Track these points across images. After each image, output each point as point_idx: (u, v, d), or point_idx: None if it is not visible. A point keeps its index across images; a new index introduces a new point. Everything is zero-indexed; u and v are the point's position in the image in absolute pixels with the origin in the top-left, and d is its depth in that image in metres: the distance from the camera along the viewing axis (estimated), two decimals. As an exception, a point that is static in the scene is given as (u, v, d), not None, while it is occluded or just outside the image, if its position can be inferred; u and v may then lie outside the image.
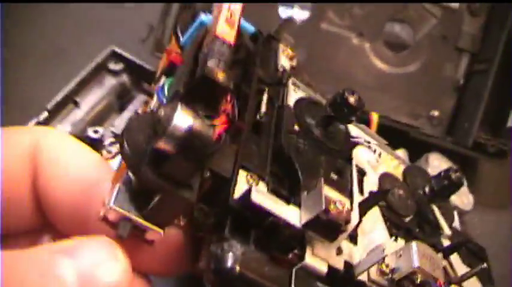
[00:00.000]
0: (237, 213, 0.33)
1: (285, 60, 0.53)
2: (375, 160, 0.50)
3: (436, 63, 0.73)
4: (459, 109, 0.73)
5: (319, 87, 0.70)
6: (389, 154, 0.55)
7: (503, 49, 0.70)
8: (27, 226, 0.36)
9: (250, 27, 0.53)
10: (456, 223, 0.54)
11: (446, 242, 0.49)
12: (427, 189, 0.51)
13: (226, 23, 0.41)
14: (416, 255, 0.39)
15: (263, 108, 0.44)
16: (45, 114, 0.61)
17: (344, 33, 0.71)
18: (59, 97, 0.64)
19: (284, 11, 0.72)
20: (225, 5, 0.43)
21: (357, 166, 0.46)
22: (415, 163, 0.64)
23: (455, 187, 0.50)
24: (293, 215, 0.34)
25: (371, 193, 0.43)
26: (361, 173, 0.47)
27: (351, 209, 0.35)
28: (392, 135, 0.68)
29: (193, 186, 0.32)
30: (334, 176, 0.43)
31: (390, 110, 0.71)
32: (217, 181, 0.35)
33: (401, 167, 0.54)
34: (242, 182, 0.36)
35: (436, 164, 0.62)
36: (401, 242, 0.44)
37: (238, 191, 0.34)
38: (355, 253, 0.38)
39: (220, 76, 0.34)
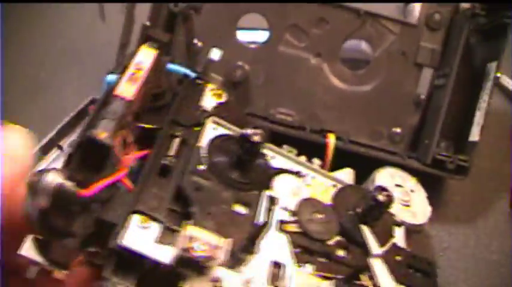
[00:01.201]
0: (119, 254, 0.40)
1: (211, 99, 0.59)
2: (298, 187, 0.55)
3: (395, 79, 0.75)
4: (421, 125, 0.75)
5: (280, 109, 0.75)
6: (324, 177, 0.59)
7: (461, 63, 0.72)
8: None
9: (181, 70, 0.60)
10: (399, 239, 0.57)
11: (377, 262, 0.52)
12: (358, 209, 0.55)
13: (128, 81, 0.47)
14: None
15: (172, 152, 0.50)
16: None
17: (302, 55, 0.75)
18: (43, 142, 0.70)
19: (243, 35, 0.77)
20: (135, 60, 0.49)
21: (270, 196, 0.52)
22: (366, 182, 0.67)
23: (383, 207, 0.53)
24: (165, 253, 0.40)
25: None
26: (273, 202, 0.51)
27: (221, 245, 0.41)
28: (350, 154, 0.72)
29: (76, 233, 0.38)
30: (242, 210, 0.49)
31: (351, 128, 0.74)
32: (108, 226, 0.41)
33: (334, 189, 0.58)
34: (133, 226, 0.42)
35: (383, 181, 0.64)
36: (309, 268, 0.49)
37: (126, 235, 0.41)
38: (234, 280, 0.43)
39: (102, 136, 0.41)
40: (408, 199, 0.62)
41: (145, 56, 0.52)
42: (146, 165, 0.47)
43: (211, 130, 0.55)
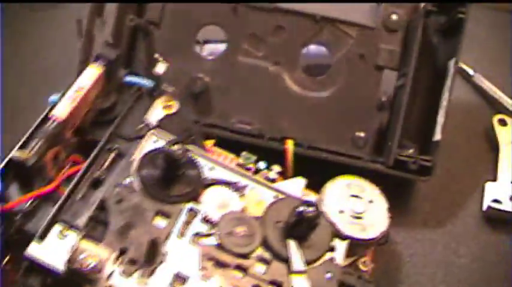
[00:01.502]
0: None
1: (160, 111, 0.62)
2: (227, 199, 0.56)
3: (356, 83, 0.75)
4: (386, 128, 0.74)
5: (240, 118, 0.76)
6: (265, 188, 0.59)
7: (420, 62, 0.70)
8: None
9: (138, 82, 0.65)
10: (339, 254, 0.56)
11: (297, 278, 0.52)
12: (287, 223, 0.54)
13: (66, 101, 0.53)
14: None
15: (105, 165, 0.52)
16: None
17: (260, 64, 0.76)
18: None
19: (203, 47, 0.79)
20: (78, 80, 0.55)
21: (191, 208, 0.53)
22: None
23: (308, 222, 0.54)
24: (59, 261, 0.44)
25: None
26: (193, 215, 0.53)
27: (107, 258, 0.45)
28: (311, 160, 0.73)
29: None
30: (162, 222, 0.51)
31: (313, 135, 0.74)
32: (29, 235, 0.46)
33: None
34: (54, 234, 0.47)
35: (334, 192, 0.62)
36: (216, 282, 0.49)
37: (32, 245, 0.46)
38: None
39: (24, 156, 0.46)
40: (361, 211, 0.61)
41: (89, 76, 0.57)
42: (76, 178, 0.51)
43: (151, 143, 0.57)
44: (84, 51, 0.74)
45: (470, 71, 0.88)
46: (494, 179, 0.77)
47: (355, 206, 0.61)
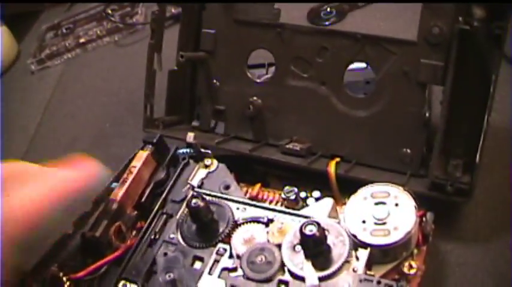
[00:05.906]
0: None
1: (202, 171, 0.86)
2: (253, 234, 0.76)
3: (401, 100, 0.84)
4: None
5: (291, 138, 0.92)
6: (292, 216, 0.76)
7: (462, 75, 0.77)
8: None
9: (186, 151, 0.89)
10: (359, 263, 0.68)
11: None
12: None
13: (120, 184, 0.81)
14: None
15: (158, 227, 0.79)
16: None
17: (308, 85, 0.90)
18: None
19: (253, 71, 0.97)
20: (130, 165, 0.83)
21: (220, 247, 0.75)
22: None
23: (313, 240, 0.67)
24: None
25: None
26: (221, 253, 0.75)
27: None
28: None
29: None
30: (198, 264, 0.74)
31: (362, 152, 0.88)
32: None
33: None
34: None
35: (357, 205, 0.73)
36: None
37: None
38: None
39: (91, 234, 0.73)
40: (383, 217, 0.71)
41: (138, 159, 0.85)
42: (135, 242, 0.78)
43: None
44: (148, 86, 0.97)
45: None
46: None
47: (377, 213, 0.71)
